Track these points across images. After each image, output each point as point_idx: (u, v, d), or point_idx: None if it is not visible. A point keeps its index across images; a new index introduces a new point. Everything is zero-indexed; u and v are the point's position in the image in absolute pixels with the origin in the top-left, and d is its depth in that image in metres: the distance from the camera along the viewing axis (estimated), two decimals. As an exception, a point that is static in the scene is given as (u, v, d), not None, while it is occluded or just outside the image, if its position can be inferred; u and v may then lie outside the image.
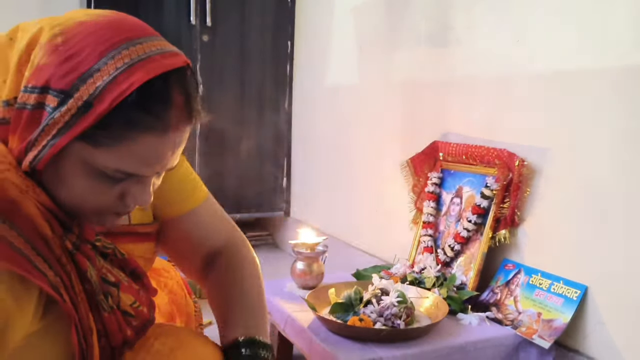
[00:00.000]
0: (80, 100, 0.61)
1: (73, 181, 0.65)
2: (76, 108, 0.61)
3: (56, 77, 0.61)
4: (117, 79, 0.61)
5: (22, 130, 0.64)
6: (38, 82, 0.62)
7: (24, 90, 0.63)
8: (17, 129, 0.64)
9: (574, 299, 1.27)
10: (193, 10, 2.44)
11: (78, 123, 0.61)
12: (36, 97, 0.62)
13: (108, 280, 0.72)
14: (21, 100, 0.63)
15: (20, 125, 0.64)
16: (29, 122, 0.63)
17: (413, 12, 1.85)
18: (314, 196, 2.59)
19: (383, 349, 1.16)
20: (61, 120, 0.61)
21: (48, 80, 0.62)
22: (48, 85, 0.62)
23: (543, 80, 1.39)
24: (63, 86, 0.61)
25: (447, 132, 1.69)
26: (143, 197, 0.69)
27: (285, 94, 2.71)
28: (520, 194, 1.40)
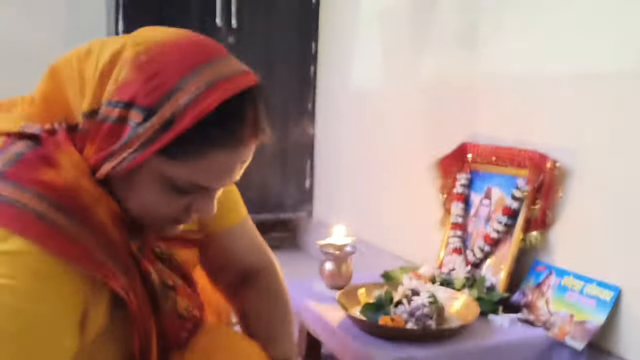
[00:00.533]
0: (164, 117, 0.64)
1: (145, 192, 0.69)
2: (159, 124, 0.64)
3: (142, 94, 0.64)
4: (198, 98, 0.64)
5: (100, 141, 0.67)
6: (123, 98, 0.65)
7: (108, 104, 0.66)
8: (95, 139, 0.67)
9: (607, 300, 1.26)
10: (219, 12, 2.46)
11: (159, 139, 0.64)
12: (120, 111, 0.65)
13: (167, 284, 0.76)
14: (104, 112, 0.66)
15: (100, 136, 0.67)
16: (109, 135, 0.66)
17: (440, 13, 1.86)
18: (337, 197, 2.60)
19: (415, 349, 1.17)
20: (144, 135, 0.64)
21: (134, 96, 0.65)
22: (133, 102, 0.65)
23: (574, 81, 1.39)
24: (148, 103, 0.64)
25: (476, 133, 1.69)
26: (208, 209, 0.73)
27: (309, 95, 2.72)
28: (552, 196, 1.40)
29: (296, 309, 1.48)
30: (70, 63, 0.70)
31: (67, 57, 0.71)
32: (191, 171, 0.67)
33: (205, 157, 0.66)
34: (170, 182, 0.68)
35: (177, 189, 0.68)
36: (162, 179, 0.67)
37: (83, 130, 0.68)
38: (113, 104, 0.66)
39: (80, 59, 0.70)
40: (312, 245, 2.73)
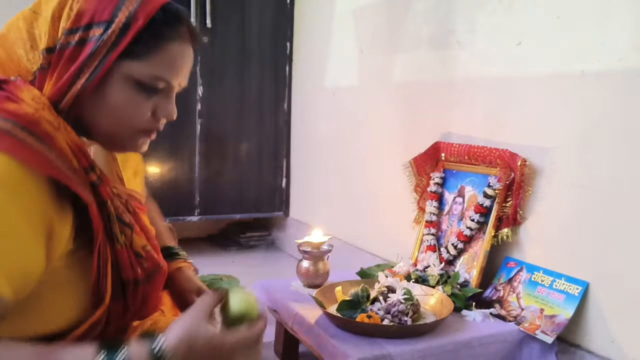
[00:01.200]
0: (120, 23, 0.76)
1: (116, 98, 0.79)
2: (118, 29, 0.76)
3: (97, 14, 0.76)
4: (143, 4, 0.78)
5: (62, 68, 0.76)
6: (81, 23, 0.76)
7: (67, 33, 0.76)
8: (56, 68, 0.76)
9: (575, 295, 1.31)
10: (193, 12, 2.45)
11: (121, 41, 0.76)
12: (80, 34, 0.76)
13: (123, 220, 0.80)
14: (63, 41, 0.76)
15: (61, 64, 0.76)
16: (71, 58, 0.76)
17: (414, 14, 1.88)
18: (314, 196, 2.61)
19: (391, 345, 1.19)
20: (108, 40, 0.75)
21: (91, 18, 0.76)
22: (92, 22, 0.76)
23: (543, 81, 1.43)
24: (105, 18, 0.76)
25: (449, 132, 1.72)
26: (170, 109, 0.84)
27: (284, 95, 2.73)
28: (523, 193, 1.44)
29: (274, 307, 1.50)
30: (16, 25, 0.79)
31: (12, 21, 0.80)
32: (153, 66, 0.79)
33: (161, 50, 0.79)
34: (137, 82, 0.79)
35: (144, 87, 0.79)
36: (130, 81, 0.78)
37: (42, 68, 0.77)
38: (73, 31, 0.76)
39: (26, 19, 0.79)
40: (289, 244, 2.74)
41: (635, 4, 1.22)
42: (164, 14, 0.79)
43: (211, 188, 2.64)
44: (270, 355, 1.61)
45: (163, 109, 0.83)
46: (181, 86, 0.85)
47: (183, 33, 0.81)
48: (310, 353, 1.32)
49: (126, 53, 0.76)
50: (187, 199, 2.59)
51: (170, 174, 2.54)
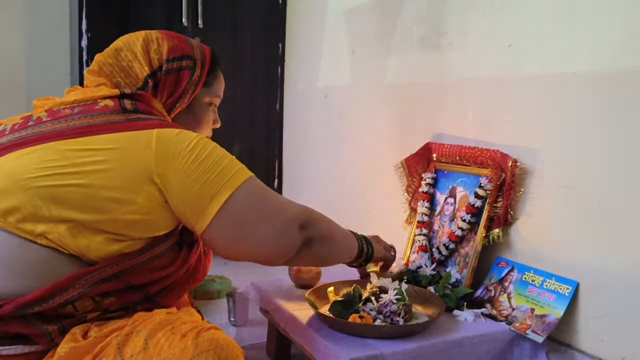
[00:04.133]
0: (199, 60, 1.13)
1: (201, 114, 1.18)
2: (200, 64, 1.13)
3: (184, 50, 1.11)
4: (202, 47, 1.16)
5: (168, 88, 1.09)
6: (176, 55, 1.09)
7: (167, 61, 1.08)
8: (164, 89, 1.09)
9: (565, 294, 1.31)
10: (185, 12, 2.45)
11: (203, 73, 1.14)
12: (177, 63, 1.09)
13: None
14: (166, 68, 1.08)
15: (167, 84, 1.09)
16: (175, 81, 1.09)
17: (406, 16, 1.89)
18: (306, 197, 2.61)
19: (384, 345, 1.19)
20: (197, 71, 1.12)
21: (182, 52, 1.10)
22: (183, 55, 1.10)
23: (535, 83, 1.44)
24: (188, 53, 1.12)
25: (440, 133, 1.73)
26: (218, 120, 1.26)
27: (276, 96, 2.73)
28: (513, 194, 1.45)
29: (266, 308, 1.50)
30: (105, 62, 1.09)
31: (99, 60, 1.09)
32: (216, 90, 1.19)
33: (217, 79, 1.20)
34: (210, 101, 1.19)
35: (212, 104, 1.20)
36: (206, 101, 1.18)
37: (151, 87, 1.07)
38: (171, 60, 1.08)
39: (111, 56, 1.09)
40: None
41: (625, 5, 1.23)
42: (214, 55, 1.18)
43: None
44: (262, 356, 1.61)
45: (217, 119, 1.25)
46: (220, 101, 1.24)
47: (221, 65, 1.20)
48: (303, 354, 1.32)
49: (203, 84, 1.14)
50: (178, 199, 2.57)
51: (162, 175, 2.52)
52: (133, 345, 0.83)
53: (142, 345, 0.82)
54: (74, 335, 0.86)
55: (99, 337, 0.85)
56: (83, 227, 0.89)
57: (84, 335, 0.88)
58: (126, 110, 1.00)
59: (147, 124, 0.97)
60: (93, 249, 0.90)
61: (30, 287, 0.85)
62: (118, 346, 0.83)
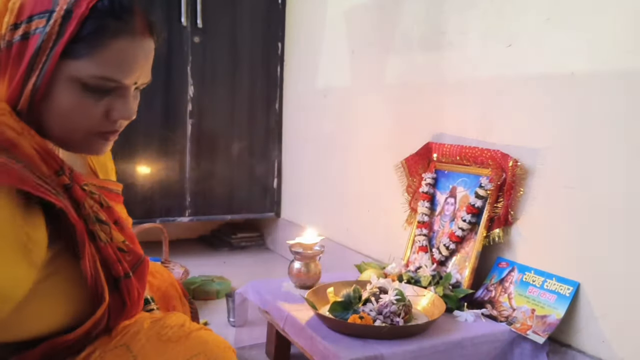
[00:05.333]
0: (62, 10, 0.70)
1: (63, 101, 0.73)
2: (60, 17, 0.70)
3: (38, 4, 0.71)
4: None
5: (12, 67, 0.72)
6: (23, 17, 0.72)
7: (11, 29, 0.72)
8: (7, 67, 0.72)
9: (566, 295, 1.31)
10: (184, 12, 2.44)
11: (65, 31, 0.70)
12: (24, 27, 0.71)
13: (100, 219, 0.78)
14: (8, 37, 0.72)
15: (11, 61, 0.72)
16: (19, 54, 0.71)
17: (405, 16, 1.89)
18: (305, 197, 2.61)
19: (383, 346, 1.18)
20: (52, 32, 0.70)
21: (31, 10, 0.71)
22: (32, 14, 0.71)
23: (535, 83, 1.43)
24: (45, 7, 0.71)
25: (441, 133, 1.72)
26: (126, 109, 0.77)
27: (276, 95, 2.73)
28: (514, 194, 1.44)
29: (265, 308, 1.49)
30: None
31: None
32: (98, 65, 0.72)
33: (106, 47, 0.72)
34: (83, 83, 0.72)
35: (91, 89, 0.73)
36: (75, 82, 0.72)
37: None
38: (15, 26, 0.72)
39: None
40: (281, 245, 2.74)
41: (624, 6, 1.22)
42: (109, 4, 0.72)
43: (202, 189, 2.63)
44: (261, 357, 1.61)
45: (118, 110, 0.76)
46: (140, 83, 0.78)
47: (133, 25, 0.74)
48: (302, 354, 1.31)
49: (69, 52, 0.71)
50: (178, 199, 2.57)
51: (161, 175, 2.52)
52: None
53: (129, 358, 0.77)
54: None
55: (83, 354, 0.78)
56: None
57: None
58: None
59: None
60: None
61: None
62: None
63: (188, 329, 0.83)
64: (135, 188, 2.44)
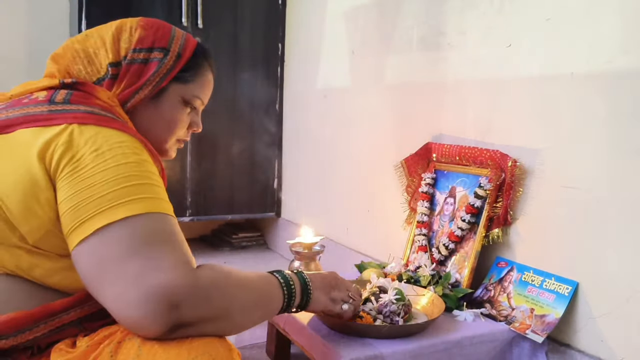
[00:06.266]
0: (174, 53, 1.01)
1: (168, 111, 1.03)
2: (174, 56, 1.01)
3: (157, 41, 1.01)
4: (187, 39, 1.05)
5: (128, 79, 0.98)
6: (144, 45, 0.99)
7: (134, 51, 0.99)
8: (123, 79, 0.97)
9: (565, 294, 1.31)
10: (184, 12, 2.45)
11: (176, 66, 1.01)
12: (144, 54, 0.99)
13: None
14: (131, 57, 0.98)
15: (128, 76, 0.98)
16: (137, 73, 0.98)
17: (405, 16, 1.89)
18: (305, 197, 2.61)
19: (383, 345, 1.19)
20: (167, 64, 1.00)
21: (152, 43, 1.00)
22: (153, 46, 1.00)
23: (534, 83, 1.44)
24: (163, 45, 1.01)
25: (440, 133, 1.73)
26: (199, 122, 1.11)
27: (276, 96, 2.73)
28: (513, 194, 1.45)
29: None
30: (71, 47, 0.99)
31: (66, 45, 1.00)
32: (196, 88, 1.05)
33: (201, 77, 1.06)
34: (184, 99, 1.04)
35: (187, 104, 1.05)
36: (179, 99, 1.03)
37: (110, 77, 0.97)
38: (137, 50, 0.99)
39: (80, 41, 1.00)
40: (281, 245, 2.75)
41: (623, 6, 1.23)
42: (202, 50, 1.06)
43: (203, 189, 2.63)
44: (262, 356, 1.61)
45: (195, 122, 1.10)
46: (204, 105, 1.10)
47: (211, 65, 1.09)
48: (302, 354, 1.32)
49: (178, 77, 1.01)
50: (178, 200, 2.58)
51: (162, 175, 2.52)
52: (126, 353, 0.78)
53: (135, 352, 0.77)
54: (61, 350, 0.82)
55: (90, 345, 0.81)
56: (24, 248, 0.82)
57: (72, 346, 0.83)
58: (54, 102, 0.88)
59: (67, 116, 0.85)
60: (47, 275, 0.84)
61: None
62: (111, 354, 0.78)
63: None
64: (136, 188, 2.44)
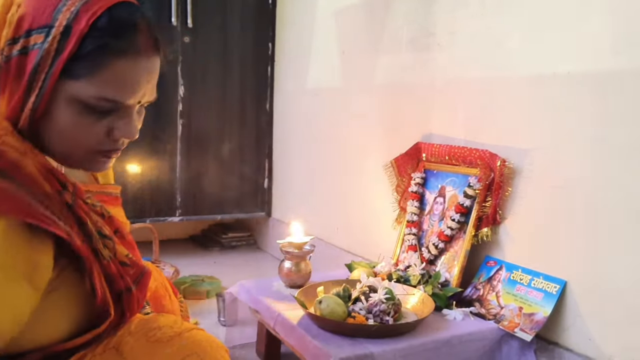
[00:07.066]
0: (61, 26, 0.67)
1: (64, 120, 0.70)
2: (59, 34, 0.67)
3: (36, 19, 0.68)
4: (87, 4, 0.68)
5: (12, 83, 0.70)
6: (21, 31, 0.68)
7: (9, 43, 0.69)
8: (7, 83, 0.70)
9: (553, 293, 1.32)
10: (174, 11, 2.44)
11: (64, 48, 0.67)
12: (22, 42, 0.68)
13: (103, 234, 0.77)
14: (7, 52, 0.69)
15: (10, 78, 0.70)
16: (18, 70, 0.69)
17: (394, 16, 1.90)
18: (295, 197, 2.61)
19: (373, 344, 1.19)
20: (51, 49, 0.67)
21: (30, 24, 0.68)
22: (31, 28, 0.68)
23: (523, 83, 1.44)
24: (44, 21, 0.67)
25: (430, 133, 1.73)
26: (128, 129, 0.74)
27: (266, 95, 2.73)
28: (502, 193, 1.45)
29: (255, 307, 1.50)
30: None
31: None
32: (98, 86, 0.69)
33: (107, 68, 0.68)
34: (83, 103, 0.69)
35: (91, 109, 0.70)
36: (76, 102, 0.69)
37: None
38: (13, 41, 0.69)
39: None
40: (271, 245, 2.74)
41: (612, 7, 1.24)
42: (110, 22, 0.68)
43: (193, 188, 2.63)
44: (252, 356, 1.61)
45: (120, 130, 0.73)
46: (145, 101, 0.76)
47: (136, 44, 0.70)
48: (293, 354, 1.32)
49: (68, 71, 0.68)
50: (168, 199, 2.57)
51: (152, 175, 2.52)
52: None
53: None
54: None
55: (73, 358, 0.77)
56: None
57: None
58: None
59: None
60: None
61: None
62: None
63: (179, 329, 0.82)
64: (125, 188, 2.44)
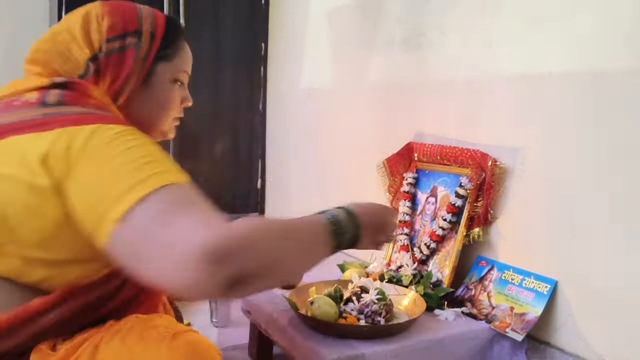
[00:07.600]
0: (147, 32, 0.97)
1: (161, 94, 1.00)
2: (148, 37, 0.97)
3: (128, 26, 0.96)
4: (155, 15, 1.00)
5: (112, 71, 0.94)
6: (117, 33, 0.94)
7: (108, 41, 0.94)
8: (107, 73, 0.93)
9: (544, 293, 1.33)
10: (166, 11, 2.43)
11: (152, 47, 0.97)
12: (119, 42, 0.94)
13: None
14: (107, 49, 0.93)
15: (110, 67, 0.94)
16: (118, 62, 0.94)
17: (387, 16, 1.90)
18: (288, 197, 2.61)
19: (365, 345, 1.19)
20: (144, 47, 0.96)
21: (123, 29, 0.95)
22: (125, 32, 0.95)
23: (514, 83, 1.45)
24: (134, 28, 0.96)
25: (422, 133, 1.73)
26: (189, 96, 1.08)
27: (259, 95, 2.73)
28: (493, 193, 1.46)
29: (247, 308, 1.49)
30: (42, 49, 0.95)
31: (35, 47, 0.96)
32: (180, 63, 1.02)
33: (181, 49, 1.02)
34: (174, 78, 1.01)
35: (176, 82, 1.02)
36: (168, 78, 1.00)
37: (92, 72, 0.93)
38: (112, 40, 0.94)
39: (48, 41, 0.95)
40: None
41: (601, 7, 1.24)
42: (172, 24, 1.02)
43: (186, 189, 2.61)
44: (244, 357, 1.61)
45: (186, 97, 1.07)
46: (189, 76, 1.08)
47: (184, 35, 1.05)
48: (285, 355, 1.32)
49: (160, 57, 0.98)
50: (161, 200, 2.56)
51: (144, 175, 2.51)
52: (105, 355, 0.78)
53: (113, 356, 0.77)
54: (42, 351, 0.81)
55: (69, 349, 0.80)
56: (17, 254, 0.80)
57: (52, 348, 0.82)
58: (46, 104, 0.84)
59: (62, 119, 0.80)
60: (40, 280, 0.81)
61: None
62: (89, 357, 0.78)
63: (173, 330, 0.82)
64: (117, 189, 2.42)
